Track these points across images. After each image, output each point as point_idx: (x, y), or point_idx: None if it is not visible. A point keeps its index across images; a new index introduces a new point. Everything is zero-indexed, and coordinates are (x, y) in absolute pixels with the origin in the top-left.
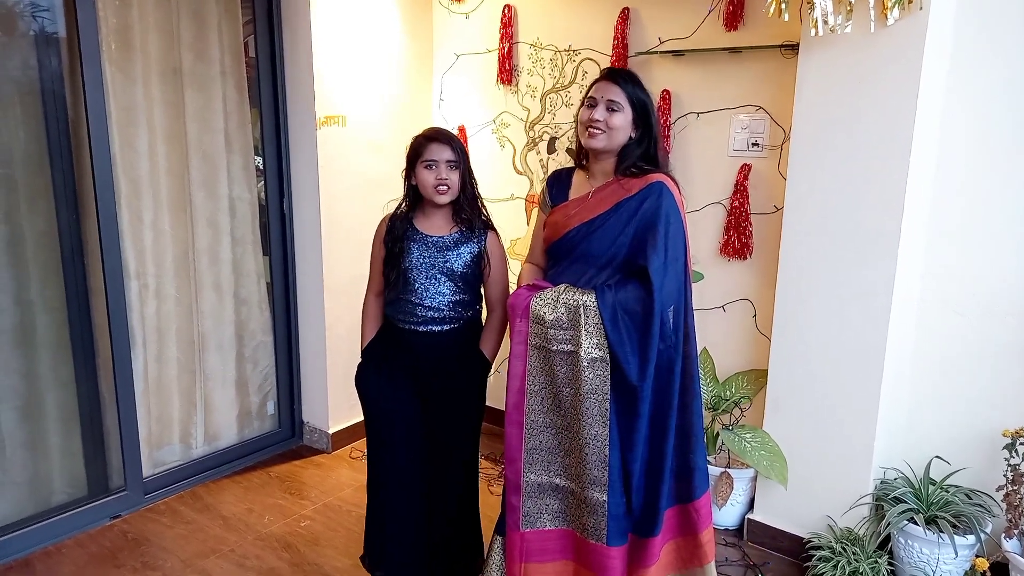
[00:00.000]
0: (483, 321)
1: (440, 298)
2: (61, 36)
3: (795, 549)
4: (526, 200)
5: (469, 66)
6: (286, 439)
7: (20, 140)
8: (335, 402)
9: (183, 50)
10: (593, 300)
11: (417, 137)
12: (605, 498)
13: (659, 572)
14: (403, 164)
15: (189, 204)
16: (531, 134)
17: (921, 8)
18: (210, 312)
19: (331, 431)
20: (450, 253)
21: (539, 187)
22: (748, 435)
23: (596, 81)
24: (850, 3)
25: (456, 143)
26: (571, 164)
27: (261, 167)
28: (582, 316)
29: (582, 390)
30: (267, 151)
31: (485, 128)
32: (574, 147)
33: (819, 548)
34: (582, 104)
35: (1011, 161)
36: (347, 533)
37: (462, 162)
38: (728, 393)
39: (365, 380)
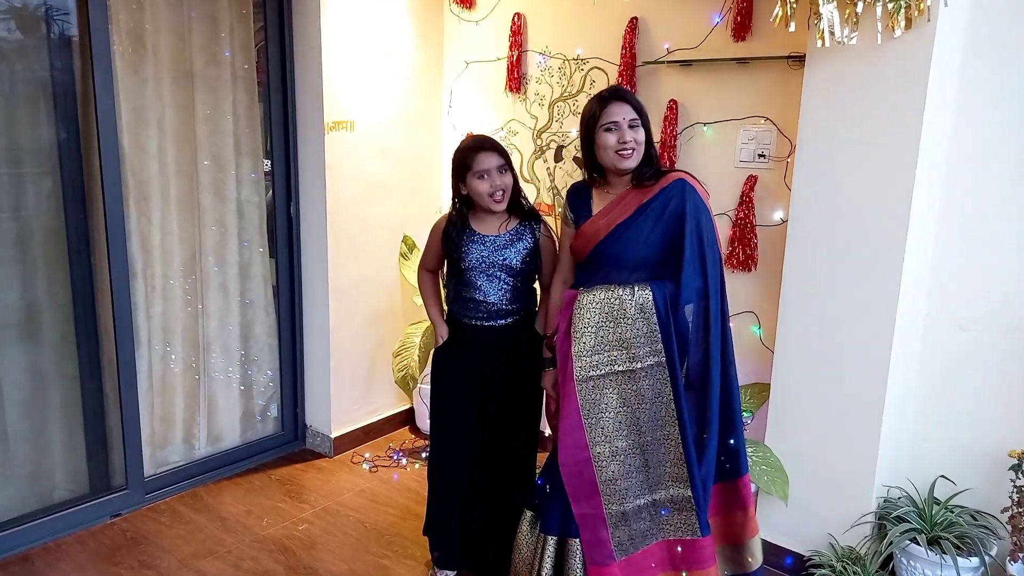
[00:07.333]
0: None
1: (502, 294)
2: (74, 37)
3: (796, 567)
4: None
5: (478, 73)
6: (289, 442)
7: (30, 138)
8: (338, 406)
9: (195, 53)
10: (649, 301)
11: (461, 148)
12: (690, 493)
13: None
14: (411, 169)
15: (197, 206)
16: (539, 142)
17: (928, 20)
18: (216, 313)
19: (333, 435)
20: (508, 250)
21: (546, 195)
22: (750, 449)
23: (604, 104)
24: (857, 15)
25: (500, 147)
26: (581, 176)
27: (269, 170)
28: (635, 323)
29: (646, 398)
30: (275, 154)
31: (493, 135)
32: (584, 162)
33: (820, 566)
34: (597, 129)
35: (1020, 173)
36: (344, 537)
37: (510, 164)
38: None
39: (439, 364)
